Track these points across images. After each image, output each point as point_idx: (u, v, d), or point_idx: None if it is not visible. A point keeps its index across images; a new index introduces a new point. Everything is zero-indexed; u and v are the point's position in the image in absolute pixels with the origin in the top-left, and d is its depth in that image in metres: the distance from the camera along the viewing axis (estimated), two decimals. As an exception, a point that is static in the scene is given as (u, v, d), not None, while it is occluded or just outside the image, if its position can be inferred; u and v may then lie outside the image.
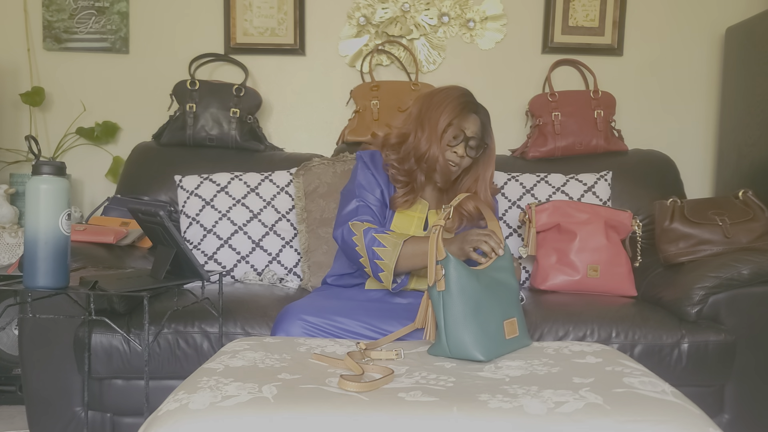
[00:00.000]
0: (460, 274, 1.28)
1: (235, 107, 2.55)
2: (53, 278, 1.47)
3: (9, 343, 2.32)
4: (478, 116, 1.79)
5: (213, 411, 0.98)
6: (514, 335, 1.34)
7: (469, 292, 1.28)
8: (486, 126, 1.81)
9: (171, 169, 2.42)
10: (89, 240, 2.05)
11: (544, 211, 2.19)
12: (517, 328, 1.35)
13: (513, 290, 1.41)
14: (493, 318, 1.30)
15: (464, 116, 1.76)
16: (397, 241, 1.58)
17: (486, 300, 1.30)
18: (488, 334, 1.27)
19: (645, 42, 2.79)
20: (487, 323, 1.28)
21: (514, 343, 1.34)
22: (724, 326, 1.88)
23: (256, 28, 2.74)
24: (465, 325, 1.25)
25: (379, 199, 1.79)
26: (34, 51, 2.73)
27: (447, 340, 1.26)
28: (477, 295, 1.29)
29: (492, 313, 1.30)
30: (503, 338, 1.30)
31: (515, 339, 1.34)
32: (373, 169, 1.82)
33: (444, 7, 2.74)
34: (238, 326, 1.83)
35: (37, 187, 1.46)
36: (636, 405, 1.01)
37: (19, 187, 2.56)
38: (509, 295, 1.38)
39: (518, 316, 1.37)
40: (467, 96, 1.80)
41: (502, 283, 1.38)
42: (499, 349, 1.29)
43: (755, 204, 2.10)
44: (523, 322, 1.40)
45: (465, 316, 1.26)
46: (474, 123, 1.78)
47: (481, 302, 1.29)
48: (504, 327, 1.31)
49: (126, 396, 1.83)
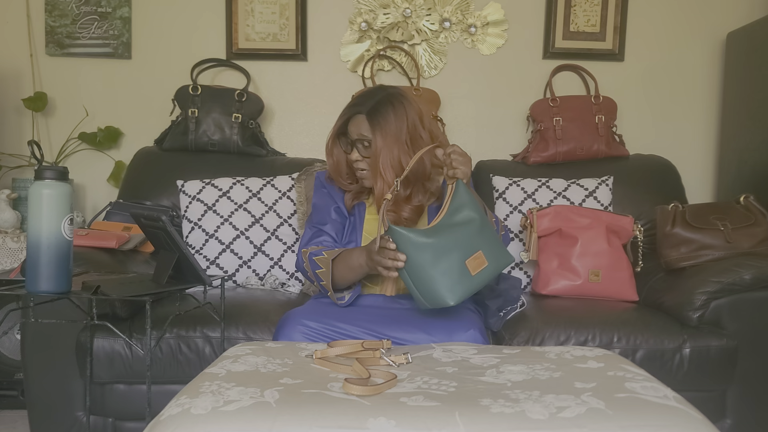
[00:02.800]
0: (404, 239, 1.42)
1: (237, 112, 2.56)
2: (55, 283, 1.48)
3: (11, 348, 2.32)
4: (362, 113, 1.73)
5: (215, 416, 0.98)
6: (483, 266, 1.43)
7: (421, 250, 1.40)
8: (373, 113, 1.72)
9: (173, 174, 2.42)
10: (91, 245, 2.05)
11: (545, 216, 2.19)
12: (484, 259, 1.44)
13: (474, 224, 1.47)
14: (455, 262, 1.41)
15: (348, 123, 1.76)
16: (328, 260, 1.68)
17: (442, 248, 1.41)
18: (453, 279, 1.39)
19: (646, 47, 2.80)
20: (450, 269, 1.40)
21: (487, 273, 1.44)
22: (726, 331, 1.87)
23: (258, 33, 2.75)
24: (429, 279, 1.39)
25: (337, 213, 1.83)
26: (37, 56, 2.74)
27: (422, 295, 1.42)
28: (430, 249, 1.41)
29: (452, 258, 1.41)
30: (470, 276, 1.41)
31: (486, 269, 1.43)
32: (327, 187, 1.87)
33: (445, 13, 2.75)
34: (240, 331, 1.83)
35: (39, 192, 1.46)
36: (638, 410, 1.01)
37: (21, 192, 2.57)
38: (469, 231, 1.45)
39: (484, 245, 1.44)
40: (352, 101, 1.80)
41: (460, 224, 1.46)
42: (469, 286, 1.42)
43: (756, 209, 2.10)
44: (494, 246, 1.46)
45: (425, 272, 1.39)
46: (357, 124, 1.74)
47: (438, 253, 1.40)
48: (467, 266, 1.41)
49: (128, 401, 1.83)
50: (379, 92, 1.76)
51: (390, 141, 1.69)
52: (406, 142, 1.70)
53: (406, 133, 1.70)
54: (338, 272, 1.68)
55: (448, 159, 1.54)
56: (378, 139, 1.69)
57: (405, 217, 1.72)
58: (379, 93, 1.76)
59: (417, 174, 1.72)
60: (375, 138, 1.69)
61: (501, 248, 1.51)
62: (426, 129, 1.75)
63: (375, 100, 1.72)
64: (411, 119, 1.72)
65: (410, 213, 1.73)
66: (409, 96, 1.78)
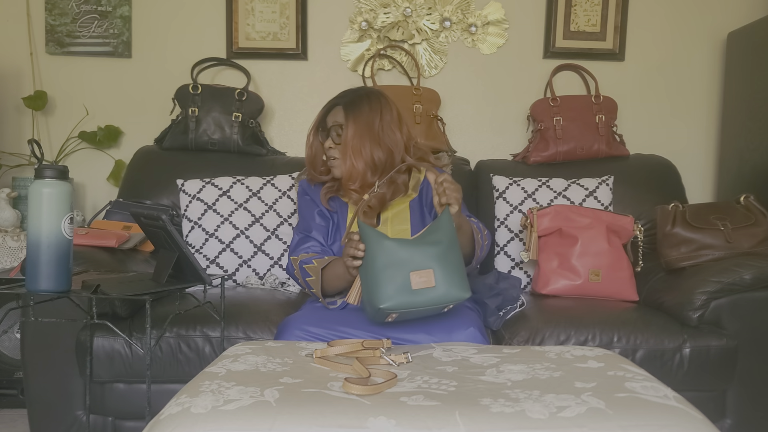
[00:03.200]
0: (369, 235, 1.47)
1: (237, 111, 2.56)
2: (55, 282, 1.47)
3: (11, 347, 2.32)
4: (340, 104, 1.82)
5: (215, 415, 0.98)
6: (428, 286, 1.42)
7: (378, 254, 1.44)
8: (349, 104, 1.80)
9: (173, 173, 2.42)
10: (91, 244, 2.05)
11: (545, 216, 2.19)
12: (432, 279, 1.43)
13: (439, 246, 1.47)
14: (401, 271, 1.43)
15: (328, 116, 1.84)
16: (318, 269, 1.73)
17: (397, 256, 1.44)
18: (395, 286, 1.41)
19: (646, 47, 2.80)
20: (394, 276, 1.42)
21: (432, 295, 1.43)
22: (726, 331, 1.87)
23: (258, 32, 2.75)
24: (374, 280, 1.42)
25: (321, 217, 1.88)
26: (37, 55, 2.74)
27: (366, 301, 1.46)
28: (386, 252, 1.44)
29: (401, 267, 1.43)
30: (409, 289, 1.42)
31: (431, 291, 1.43)
32: (309, 193, 1.92)
33: (446, 12, 2.75)
34: (240, 330, 1.83)
35: (39, 191, 1.46)
36: (638, 410, 1.01)
37: (21, 191, 2.57)
38: (430, 250, 1.45)
39: (440, 268, 1.44)
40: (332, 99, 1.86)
41: (425, 243, 1.47)
42: (408, 300, 1.42)
43: (757, 209, 2.10)
44: (452, 274, 1.45)
45: (373, 274, 1.43)
46: (334, 114, 1.83)
47: (391, 259, 1.43)
48: (410, 278, 1.42)
49: (127, 400, 1.83)
50: (360, 89, 1.86)
51: (361, 129, 1.76)
52: (378, 134, 1.76)
53: (378, 125, 1.77)
54: (327, 280, 1.73)
55: (441, 187, 1.56)
56: (350, 125, 1.76)
57: (370, 205, 1.76)
58: (360, 90, 1.86)
59: (386, 165, 1.77)
60: (347, 124, 1.76)
61: (460, 280, 1.46)
62: (402, 132, 1.81)
63: (355, 95, 1.82)
64: (386, 116, 1.79)
65: (375, 200, 1.77)
66: (389, 99, 1.85)
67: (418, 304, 1.43)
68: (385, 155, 1.76)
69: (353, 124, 1.76)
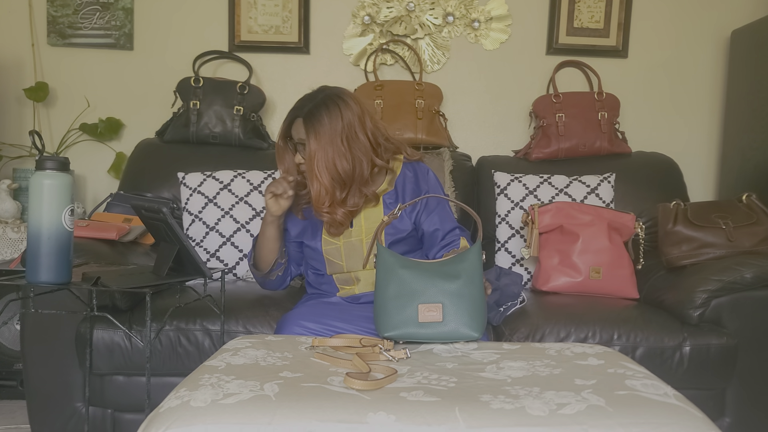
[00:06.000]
0: (385, 262, 1.44)
1: (239, 105, 2.55)
2: (56, 274, 1.47)
3: (11, 338, 2.32)
4: (300, 116, 1.74)
5: (214, 408, 0.97)
6: (435, 320, 1.39)
7: (390, 282, 1.41)
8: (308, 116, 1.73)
9: (174, 166, 2.42)
10: (92, 236, 2.05)
11: (546, 213, 2.19)
12: (440, 314, 1.40)
13: (457, 281, 1.42)
14: (411, 302, 1.40)
15: (292, 129, 1.77)
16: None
17: (410, 288, 1.41)
18: (401, 314, 1.39)
19: (650, 44, 2.79)
20: (403, 307, 1.39)
21: (437, 330, 1.39)
22: (726, 330, 1.87)
23: (260, 26, 2.74)
24: (382, 308, 1.40)
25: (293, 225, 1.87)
26: (39, 46, 2.73)
27: (374, 316, 1.43)
28: (398, 283, 1.41)
29: (412, 298, 1.40)
30: (416, 320, 1.38)
31: (437, 326, 1.39)
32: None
33: (449, 7, 2.74)
34: (240, 324, 1.83)
35: (40, 183, 1.46)
36: (638, 407, 1.01)
37: (22, 183, 2.56)
38: (445, 284, 1.42)
39: (449, 304, 1.40)
40: (294, 105, 1.79)
41: (444, 275, 1.43)
42: (410, 329, 1.38)
43: (759, 208, 2.09)
44: (463, 314, 1.41)
45: (383, 301, 1.40)
46: (297, 128, 1.75)
47: (403, 290, 1.40)
48: (419, 310, 1.39)
49: (127, 392, 1.83)
50: (317, 95, 1.76)
51: (324, 142, 1.69)
52: (342, 143, 1.70)
53: (340, 133, 1.70)
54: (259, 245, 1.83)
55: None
56: (312, 141, 1.69)
57: (338, 220, 1.73)
58: (318, 96, 1.75)
59: (354, 177, 1.72)
60: (309, 141, 1.70)
61: (471, 319, 1.41)
62: (365, 130, 1.74)
63: (312, 104, 1.73)
64: (346, 119, 1.71)
65: (343, 217, 1.73)
66: (349, 97, 1.76)
67: (423, 337, 1.39)
68: (351, 165, 1.70)
69: (314, 139, 1.69)
